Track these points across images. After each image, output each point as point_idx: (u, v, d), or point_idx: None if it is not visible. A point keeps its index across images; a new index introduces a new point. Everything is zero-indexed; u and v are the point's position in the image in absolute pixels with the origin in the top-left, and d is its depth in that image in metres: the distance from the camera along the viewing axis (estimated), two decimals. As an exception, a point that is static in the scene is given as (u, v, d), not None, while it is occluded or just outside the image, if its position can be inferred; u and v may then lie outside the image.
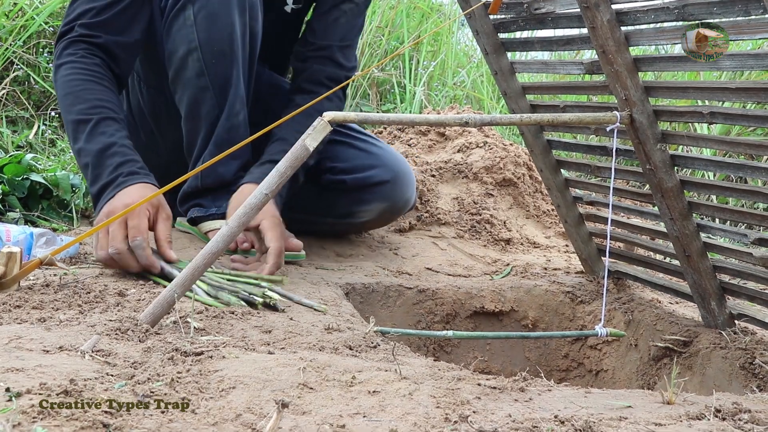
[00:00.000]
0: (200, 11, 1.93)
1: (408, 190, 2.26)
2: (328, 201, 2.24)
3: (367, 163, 2.23)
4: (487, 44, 1.93)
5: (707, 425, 1.13)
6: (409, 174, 2.27)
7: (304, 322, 1.57)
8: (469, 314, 2.07)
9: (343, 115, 1.47)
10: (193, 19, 1.93)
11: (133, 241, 1.70)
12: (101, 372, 1.14)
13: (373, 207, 2.23)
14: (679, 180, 1.68)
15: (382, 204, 2.24)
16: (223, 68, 1.96)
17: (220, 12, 1.93)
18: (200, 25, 1.93)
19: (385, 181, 2.21)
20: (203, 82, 1.97)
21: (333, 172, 2.23)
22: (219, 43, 1.94)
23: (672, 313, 1.95)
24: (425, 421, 1.09)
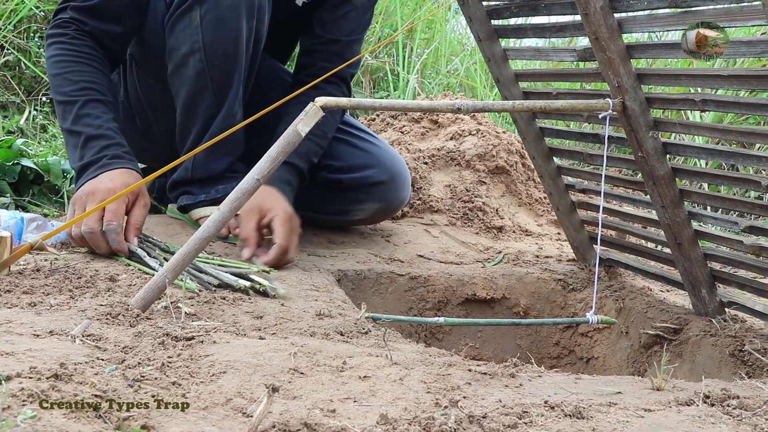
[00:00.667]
0: (207, 14, 1.91)
1: (403, 191, 2.27)
2: (323, 198, 2.23)
3: (365, 162, 2.22)
4: (480, 31, 1.92)
5: (696, 411, 1.13)
6: (405, 174, 2.27)
7: (296, 308, 1.57)
8: (461, 301, 2.07)
9: (335, 101, 1.47)
10: (199, 21, 1.91)
11: (108, 225, 1.71)
12: (92, 356, 1.14)
13: (368, 206, 2.24)
14: (670, 167, 1.68)
15: (377, 204, 2.24)
16: (225, 71, 1.95)
17: (229, 17, 1.91)
18: (206, 27, 1.92)
19: (382, 182, 2.21)
20: (203, 81, 1.96)
21: (329, 170, 2.22)
22: (223, 47, 1.92)
23: (663, 300, 1.95)
24: (415, 405, 1.09)
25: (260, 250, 1.86)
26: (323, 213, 2.26)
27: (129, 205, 1.77)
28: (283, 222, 1.87)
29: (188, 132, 2.03)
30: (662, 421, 1.09)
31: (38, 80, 3.37)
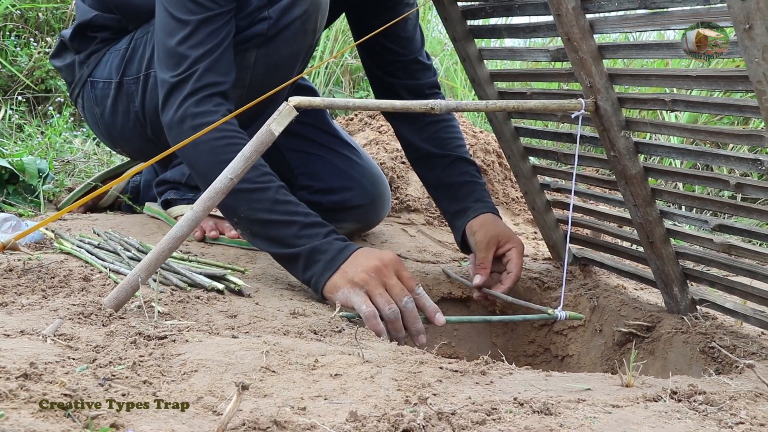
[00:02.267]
0: (263, 58, 1.88)
1: (382, 212, 2.29)
2: None
3: (345, 184, 2.21)
4: (456, 31, 1.93)
5: (663, 406, 1.15)
6: (385, 196, 2.28)
7: (270, 307, 1.57)
8: (437, 300, 2.08)
9: (308, 101, 1.48)
10: (252, 63, 1.89)
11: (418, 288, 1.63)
12: (63, 356, 1.14)
13: (346, 226, 2.25)
14: (642, 167, 1.70)
15: (355, 225, 2.26)
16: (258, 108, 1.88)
17: (283, 66, 1.90)
18: (258, 70, 1.90)
19: (362, 205, 2.22)
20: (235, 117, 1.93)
21: (309, 191, 2.22)
22: (268, 90, 1.83)
23: (636, 299, 1.97)
24: (386, 403, 1.10)
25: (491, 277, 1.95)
26: None
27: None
28: (520, 254, 1.97)
29: None
30: (629, 416, 1.10)
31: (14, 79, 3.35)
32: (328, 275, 1.62)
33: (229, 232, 2.03)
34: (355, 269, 1.60)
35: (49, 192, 2.40)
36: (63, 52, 2.22)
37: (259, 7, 1.86)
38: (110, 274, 1.60)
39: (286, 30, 1.85)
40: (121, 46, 2.11)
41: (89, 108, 2.17)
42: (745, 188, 1.49)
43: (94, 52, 2.14)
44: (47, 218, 1.68)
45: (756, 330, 1.72)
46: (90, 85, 2.14)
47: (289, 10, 1.85)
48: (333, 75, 4.21)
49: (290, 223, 1.65)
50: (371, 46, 2.13)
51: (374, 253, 1.63)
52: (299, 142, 2.25)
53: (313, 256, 1.64)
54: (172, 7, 1.77)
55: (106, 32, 2.14)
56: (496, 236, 1.96)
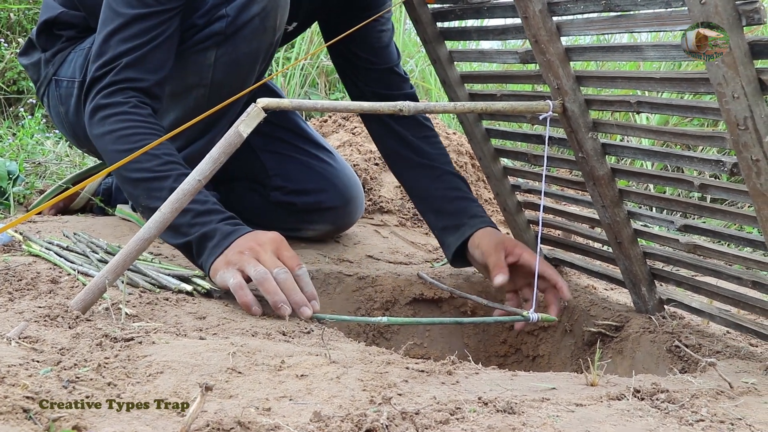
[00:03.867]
0: (224, 56, 1.88)
1: (356, 214, 2.29)
2: (275, 216, 2.23)
3: (319, 186, 2.22)
4: (426, 33, 1.94)
5: (625, 405, 1.16)
6: (359, 198, 2.28)
7: (240, 309, 1.57)
8: (409, 301, 2.09)
9: (276, 102, 1.48)
10: (213, 61, 1.89)
11: (300, 269, 1.60)
12: (27, 358, 1.14)
13: (320, 227, 2.25)
14: (610, 168, 1.71)
15: (329, 226, 2.27)
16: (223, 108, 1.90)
17: (244, 62, 1.89)
18: (219, 68, 1.89)
19: (335, 207, 2.23)
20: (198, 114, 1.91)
21: (283, 192, 2.23)
22: (229, 88, 1.89)
23: (606, 299, 1.99)
24: (350, 403, 1.10)
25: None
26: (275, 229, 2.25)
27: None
28: (533, 255, 1.86)
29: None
30: (592, 415, 1.12)
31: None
32: (212, 260, 1.60)
33: None
34: (233, 250, 1.59)
35: (19, 194, 2.38)
36: (30, 50, 2.21)
37: (217, 4, 1.86)
38: (79, 277, 1.60)
39: (244, 28, 1.86)
40: (86, 45, 2.10)
41: (54, 107, 2.17)
42: (709, 189, 1.51)
43: (60, 50, 2.13)
44: (15, 220, 1.66)
45: (721, 329, 1.74)
46: (55, 83, 2.13)
47: (246, 7, 1.85)
48: (309, 76, 4.21)
49: (185, 211, 1.60)
50: (346, 56, 2.14)
51: (256, 234, 1.63)
52: (274, 143, 2.25)
53: (203, 242, 1.63)
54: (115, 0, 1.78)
55: (72, 30, 2.13)
56: (502, 242, 1.91)
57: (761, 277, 1.55)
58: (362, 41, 2.07)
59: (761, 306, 1.58)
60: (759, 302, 1.58)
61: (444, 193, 2.06)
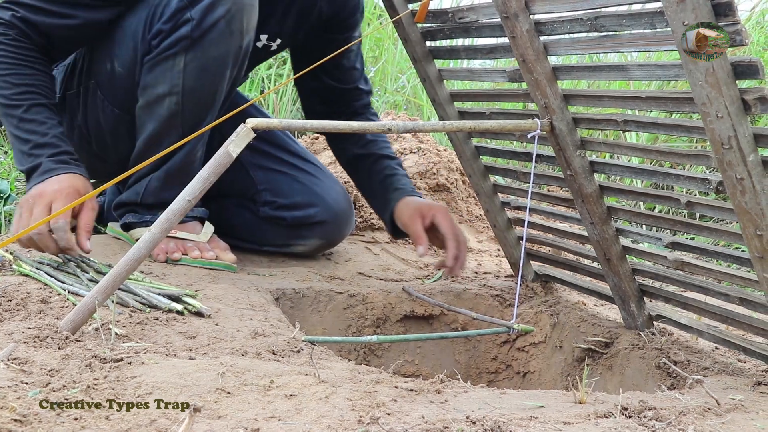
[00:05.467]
0: (193, 61, 1.91)
1: (346, 228, 2.31)
2: (265, 232, 2.26)
3: (308, 200, 2.24)
4: (416, 52, 1.96)
5: (613, 423, 1.17)
6: (348, 212, 2.31)
7: (230, 328, 1.58)
8: (399, 318, 2.09)
9: (266, 122, 1.49)
10: (182, 67, 1.92)
11: (56, 224, 1.73)
12: (15, 380, 1.14)
13: (310, 243, 2.27)
14: (598, 185, 1.73)
15: (318, 241, 2.28)
16: (198, 115, 1.96)
17: (213, 67, 1.92)
18: (189, 74, 1.92)
19: (325, 221, 2.24)
20: (174, 123, 1.96)
21: (272, 207, 2.25)
22: (202, 94, 1.93)
23: (596, 315, 2.00)
24: (339, 423, 1.11)
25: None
26: (265, 245, 2.28)
27: (77, 209, 1.79)
28: (445, 215, 2.07)
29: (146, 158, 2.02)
30: (579, 433, 1.12)
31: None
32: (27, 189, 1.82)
33: (192, 253, 2.03)
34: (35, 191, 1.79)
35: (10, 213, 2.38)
36: None
37: (180, 8, 1.89)
38: (69, 297, 1.60)
39: (210, 31, 1.89)
40: (68, 62, 2.13)
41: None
42: (695, 206, 1.53)
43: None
44: (5, 240, 1.67)
45: (710, 345, 1.75)
46: None
47: (210, 10, 1.88)
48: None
49: (26, 141, 1.84)
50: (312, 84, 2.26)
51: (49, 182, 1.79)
52: (263, 158, 2.28)
53: (31, 173, 1.83)
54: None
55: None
56: (418, 209, 2.07)
57: (748, 293, 1.56)
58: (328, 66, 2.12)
59: (749, 322, 1.59)
60: (746, 318, 1.59)
61: (375, 177, 2.22)
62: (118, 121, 2.09)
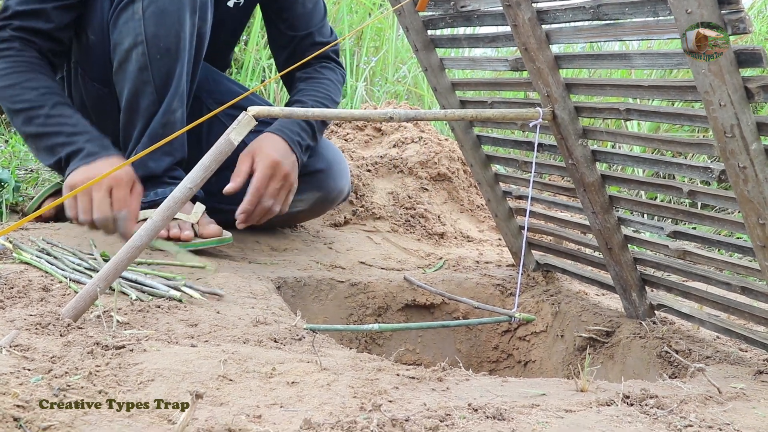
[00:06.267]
0: (149, 6, 1.93)
1: (342, 180, 2.28)
2: None
3: None
4: (417, 41, 1.95)
5: (615, 410, 1.17)
6: (342, 163, 2.30)
7: (232, 316, 1.58)
8: (401, 307, 2.09)
9: (267, 110, 1.48)
10: (141, 14, 1.94)
11: (120, 213, 1.85)
12: (17, 367, 1.14)
13: (307, 196, 2.24)
14: (600, 175, 1.72)
15: (315, 193, 2.25)
16: (167, 65, 1.97)
17: (170, 9, 1.94)
18: (148, 20, 1.93)
19: (319, 170, 2.23)
20: (145, 77, 1.97)
21: None
22: (165, 40, 1.94)
23: (597, 304, 2.00)
24: (341, 410, 1.11)
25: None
26: None
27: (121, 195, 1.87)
28: (264, 167, 2.00)
29: (131, 132, 2.04)
30: (581, 421, 1.12)
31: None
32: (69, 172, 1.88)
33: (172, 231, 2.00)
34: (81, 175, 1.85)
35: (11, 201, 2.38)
36: None
37: None
38: (70, 284, 1.60)
39: None
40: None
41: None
42: (698, 195, 1.53)
43: None
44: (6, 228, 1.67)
45: (711, 334, 1.75)
46: None
47: None
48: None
49: (57, 133, 1.91)
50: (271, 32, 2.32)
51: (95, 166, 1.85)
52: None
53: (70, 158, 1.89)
54: None
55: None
56: (251, 151, 2.04)
57: (750, 282, 1.56)
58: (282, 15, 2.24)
59: (750, 311, 1.59)
60: (748, 308, 1.59)
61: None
62: (101, 96, 2.12)
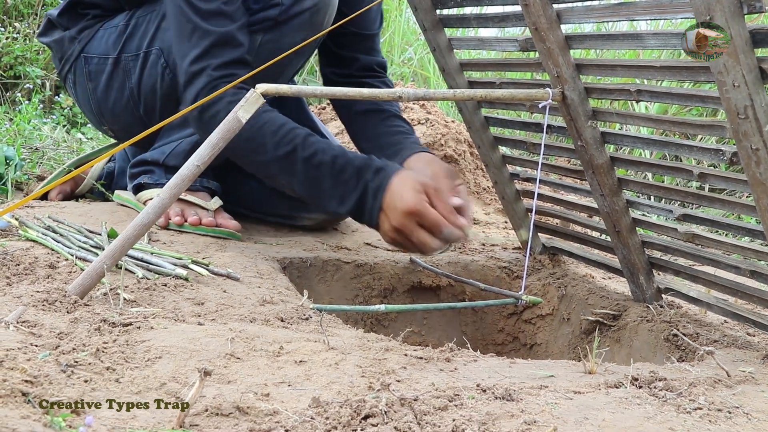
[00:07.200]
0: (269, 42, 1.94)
1: None
2: (271, 202, 2.25)
3: None
4: (426, 20, 1.94)
5: (623, 392, 1.17)
6: None
7: (238, 295, 1.57)
8: (407, 289, 2.09)
9: (276, 88, 1.47)
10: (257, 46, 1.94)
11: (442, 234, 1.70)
12: (25, 342, 1.13)
13: (316, 215, 2.25)
14: (609, 156, 1.71)
15: (323, 215, 2.26)
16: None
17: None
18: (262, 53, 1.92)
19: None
20: None
21: None
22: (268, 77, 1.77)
23: (604, 287, 1.99)
24: (349, 389, 1.10)
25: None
26: (271, 216, 2.27)
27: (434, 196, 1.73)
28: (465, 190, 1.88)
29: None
30: (590, 402, 1.12)
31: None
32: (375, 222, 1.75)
33: (191, 218, 2.02)
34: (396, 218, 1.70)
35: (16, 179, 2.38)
36: (50, 30, 2.25)
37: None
38: (77, 262, 1.60)
39: (294, 18, 1.93)
40: (119, 23, 2.15)
41: (81, 83, 2.20)
42: (708, 178, 1.51)
43: (85, 27, 2.18)
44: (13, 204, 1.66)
45: (719, 318, 1.75)
46: (84, 60, 2.17)
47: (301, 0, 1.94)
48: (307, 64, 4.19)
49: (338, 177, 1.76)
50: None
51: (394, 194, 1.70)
52: None
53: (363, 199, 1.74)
54: None
55: (98, 9, 2.18)
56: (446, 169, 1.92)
57: (759, 266, 1.55)
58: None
59: (759, 295, 1.58)
60: (757, 292, 1.58)
61: (388, 130, 2.14)
62: (174, 87, 2.09)
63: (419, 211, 1.69)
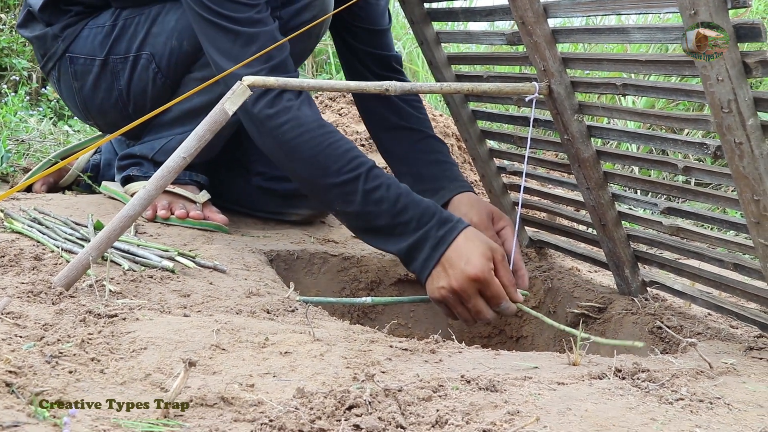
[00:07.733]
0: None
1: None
2: (257, 200, 2.25)
3: None
4: (413, 14, 1.94)
5: (606, 383, 1.18)
6: None
7: (224, 287, 1.57)
8: (393, 281, 2.09)
9: (262, 80, 1.47)
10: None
11: (499, 307, 1.65)
12: (9, 333, 1.13)
13: (303, 211, 2.25)
14: (595, 150, 1.72)
15: (311, 210, 2.26)
16: None
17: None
18: None
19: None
20: None
21: (264, 178, 2.23)
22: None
23: (589, 280, 2.00)
24: (334, 380, 1.11)
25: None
26: (258, 212, 2.26)
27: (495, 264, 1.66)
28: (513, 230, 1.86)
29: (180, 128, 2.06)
30: (573, 393, 1.13)
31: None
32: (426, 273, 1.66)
33: (178, 212, 2.01)
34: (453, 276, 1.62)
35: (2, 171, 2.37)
36: (31, 23, 2.19)
37: (274, 8, 1.89)
38: (62, 254, 1.59)
39: (293, 32, 1.87)
40: (105, 23, 2.10)
41: (66, 81, 2.16)
42: (693, 172, 1.52)
43: (69, 25, 2.13)
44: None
45: (703, 311, 1.76)
46: (69, 59, 2.13)
47: (299, 13, 1.92)
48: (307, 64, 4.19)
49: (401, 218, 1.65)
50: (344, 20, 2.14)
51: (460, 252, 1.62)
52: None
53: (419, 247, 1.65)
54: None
55: (80, 6, 2.13)
56: (491, 212, 1.92)
57: (743, 259, 1.57)
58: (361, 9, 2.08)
59: (742, 288, 1.59)
60: (740, 285, 1.60)
61: (424, 156, 2.05)
62: (165, 90, 2.09)
63: (486, 279, 1.60)
